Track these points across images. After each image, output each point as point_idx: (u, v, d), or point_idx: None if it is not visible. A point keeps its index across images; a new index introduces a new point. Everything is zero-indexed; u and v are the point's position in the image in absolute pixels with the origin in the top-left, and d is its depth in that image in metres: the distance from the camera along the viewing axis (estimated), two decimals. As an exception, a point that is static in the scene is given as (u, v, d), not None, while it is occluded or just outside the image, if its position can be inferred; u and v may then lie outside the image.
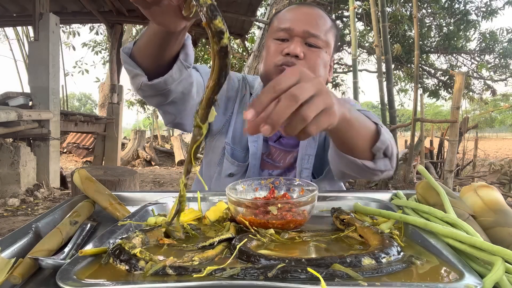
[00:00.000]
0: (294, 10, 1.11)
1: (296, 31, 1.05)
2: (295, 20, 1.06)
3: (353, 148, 0.86)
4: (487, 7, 9.19)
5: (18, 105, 4.99)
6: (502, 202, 0.65)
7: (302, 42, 1.05)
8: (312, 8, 1.12)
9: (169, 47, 0.82)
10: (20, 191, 4.61)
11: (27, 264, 0.50)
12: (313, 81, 0.57)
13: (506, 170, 5.00)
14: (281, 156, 1.18)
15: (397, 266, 0.47)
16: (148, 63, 0.86)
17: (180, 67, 0.87)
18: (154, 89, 0.88)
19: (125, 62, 0.88)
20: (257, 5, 6.54)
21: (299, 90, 0.55)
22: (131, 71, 0.87)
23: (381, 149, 0.86)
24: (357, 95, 4.81)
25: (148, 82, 0.86)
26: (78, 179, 0.82)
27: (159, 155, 10.64)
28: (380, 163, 0.90)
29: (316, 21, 1.08)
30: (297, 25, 1.05)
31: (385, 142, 0.86)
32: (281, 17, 1.11)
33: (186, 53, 0.87)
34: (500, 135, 49.08)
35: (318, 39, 1.06)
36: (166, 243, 0.58)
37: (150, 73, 0.87)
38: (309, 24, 1.06)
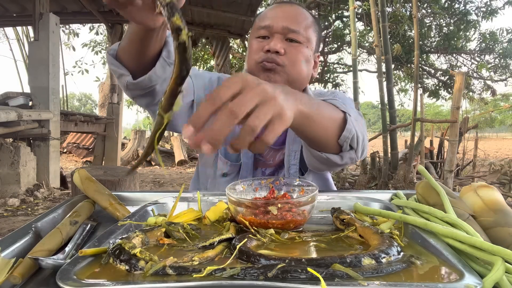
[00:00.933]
0: (274, 9, 1.13)
1: (276, 27, 1.07)
2: (274, 18, 1.09)
3: (318, 141, 0.85)
4: (487, 7, 9.19)
5: (18, 105, 4.99)
6: (502, 202, 0.65)
7: (283, 38, 1.07)
8: (291, 5, 1.14)
9: (150, 44, 0.83)
10: (20, 191, 4.61)
11: (27, 264, 0.50)
12: (255, 89, 0.54)
13: (506, 170, 5.01)
14: (271, 154, 1.19)
15: (397, 266, 0.47)
16: (132, 62, 0.87)
17: (163, 64, 0.88)
18: (140, 88, 0.90)
19: (110, 63, 0.90)
20: (257, 5, 6.54)
21: (238, 104, 0.51)
22: (116, 71, 0.89)
23: (347, 139, 0.86)
24: (357, 95, 4.81)
25: (133, 81, 0.88)
26: (78, 179, 0.82)
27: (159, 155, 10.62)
28: (346, 156, 0.90)
29: (296, 17, 1.09)
30: (277, 22, 1.07)
31: (351, 131, 0.85)
32: (262, 16, 1.14)
33: (168, 50, 0.87)
34: (500, 135, 49.10)
35: (298, 34, 1.07)
36: (166, 243, 0.58)
37: (136, 73, 0.88)
38: (288, 20, 1.08)
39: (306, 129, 0.78)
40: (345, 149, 0.89)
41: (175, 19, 0.48)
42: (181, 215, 0.72)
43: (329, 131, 0.84)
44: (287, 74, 1.06)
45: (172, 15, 0.48)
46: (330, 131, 0.84)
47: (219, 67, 7.81)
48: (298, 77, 1.08)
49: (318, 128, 0.79)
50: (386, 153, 4.94)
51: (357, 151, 0.92)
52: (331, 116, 0.83)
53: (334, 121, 0.84)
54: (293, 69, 1.06)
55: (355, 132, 0.87)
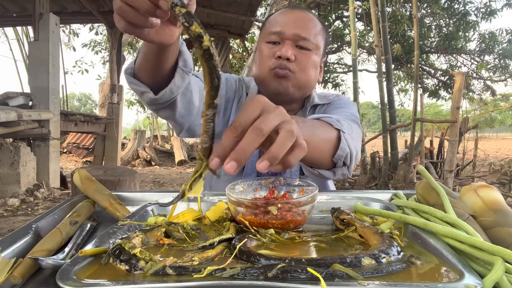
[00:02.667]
0: (285, 14, 1.15)
1: (287, 34, 1.09)
2: (286, 24, 1.10)
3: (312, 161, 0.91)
4: (487, 8, 9.19)
5: (18, 105, 4.99)
6: (502, 202, 0.65)
7: (293, 44, 1.10)
8: (302, 11, 1.17)
9: (167, 58, 0.83)
10: (20, 191, 4.61)
11: (27, 264, 0.50)
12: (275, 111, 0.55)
13: (506, 170, 5.01)
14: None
15: (397, 266, 0.47)
16: (151, 78, 0.86)
17: (181, 74, 0.88)
18: (162, 101, 0.89)
19: (130, 82, 0.88)
20: (257, 5, 6.55)
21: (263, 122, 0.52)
22: (137, 90, 0.88)
23: (341, 157, 0.90)
24: (357, 95, 4.81)
25: (155, 97, 0.87)
26: (78, 179, 0.82)
27: (159, 155, 10.64)
28: (338, 172, 0.95)
29: (306, 24, 1.12)
30: (288, 28, 1.09)
31: (345, 149, 0.90)
32: (273, 20, 1.15)
33: (184, 59, 0.87)
34: (500, 135, 49.10)
35: (308, 41, 1.10)
36: (166, 243, 0.58)
37: (155, 87, 0.88)
38: (299, 27, 1.10)
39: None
40: (339, 166, 0.93)
41: (194, 27, 0.47)
42: (181, 215, 0.72)
43: (324, 152, 0.88)
44: (297, 80, 1.09)
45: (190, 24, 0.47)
46: (325, 151, 0.88)
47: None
48: (307, 83, 1.12)
49: (314, 151, 0.83)
50: (386, 153, 4.94)
51: (350, 168, 0.96)
52: (326, 138, 0.87)
53: (329, 141, 0.88)
54: (302, 76, 1.09)
55: (348, 150, 0.91)
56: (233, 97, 1.22)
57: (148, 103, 0.90)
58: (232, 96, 1.21)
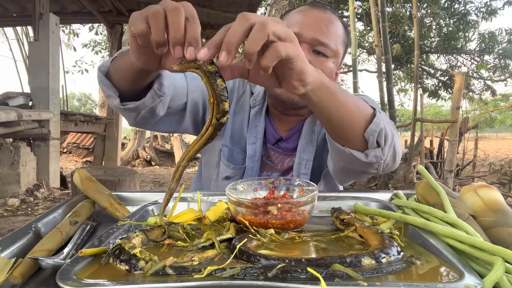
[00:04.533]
0: (305, 13, 1.05)
1: (305, 37, 0.99)
2: (304, 25, 1.01)
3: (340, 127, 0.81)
4: (487, 7, 9.19)
5: (18, 105, 4.99)
6: (502, 202, 0.65)
7: (310, 49, 1.01)
8: (324, 11, 1.06)
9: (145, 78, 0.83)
10: (20, 191, 4.61)
11: (27, 264, 0.50)
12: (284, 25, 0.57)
13: (506, 170, 5.01)
14: (280, 159, 1.17)
15: (397, 266, 0.47)
16: (123, 86, 0.86)
17: (154, 96, 0.87)
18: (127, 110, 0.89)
19: (101, 81, 0.88)
20: (257, 5, 6.55)
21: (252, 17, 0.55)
22: (105, 91, 0.88)
23: (374, 132, 0.80)
24: (357, 95, 4.80)
25: (120, 106, 0.87)
26: (78, 179, 0.82)
27: (159, 155, 10.64)
28: (371, 154, 0.83)
29: (327, 27, 1.02)
30: (306, 30, 1.00)
31: (379, 124, 0.80)
32: (291, 19, 1.05)
33: (160, 82, 0.86)
34: (500, 135, 49.07)
35: (327, 47, 1.01)
36: (166, 243, 0.58)
37: (125, 93, 0.87)
38: (319, 30, 1.00)
39: (327, 106, 0.74)
40: (371, 145, 0.82)
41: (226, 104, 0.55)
42: (181, 215, 0.72)
43: (354, 117, 0.79)
44: None
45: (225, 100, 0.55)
46: (355, 118, 0.79)
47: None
48: None
49: (341, 109, 0.76)
50: (386, 153, 4.91)
51: (384, 150, 0.84)
52: (357, 103, 0.79)
53: (360, 110, 0.80)
54: None
55: (383, 127, 0.81)
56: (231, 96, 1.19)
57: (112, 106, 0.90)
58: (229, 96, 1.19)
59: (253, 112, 1.16)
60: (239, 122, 1.18)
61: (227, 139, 1.17)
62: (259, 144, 1.14)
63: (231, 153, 1.16)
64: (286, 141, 1.16)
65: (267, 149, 1.17)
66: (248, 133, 1.15)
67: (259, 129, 1.14)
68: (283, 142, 1.16)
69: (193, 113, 1.13)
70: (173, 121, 1.10)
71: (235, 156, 1.16)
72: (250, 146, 1.14)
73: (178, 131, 1.17)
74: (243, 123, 1.17)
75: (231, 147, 1.17)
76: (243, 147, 1.16)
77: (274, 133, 1.17)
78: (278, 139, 1.16)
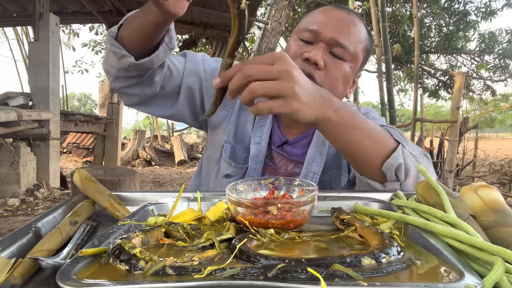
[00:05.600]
0: (327, 12, 1.01)
1: (323, 35, 0.95)
2: (324, 24, 0.97)
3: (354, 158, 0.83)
4: (487, 7, 9.19)
5: (18, 105, 4.99)
6: (502, 202, 0.65)
7: (327, 49, 0.96)
8: (347, 13, 1.01)
9: (161, 32, 0.89)
10: (20, 191, 4.61)
11: (27, 264, 0.50)
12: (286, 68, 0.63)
13: (506, 170, 5.01)
14: (283, 163, 1.12)
15: (397, 266, 0.47)
16: (137, 47, 0.90)
17: (166, 49, 0.93)
18: (139, 69, 0.93)
19: (112, 44, 0.91)
20: (257, 5, 6.54)
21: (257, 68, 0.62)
22: (118, 53, 0.91)
23: (392, 167, 0.79)
24: (357, 95, 4.81)
25: (136, 62, 0.90)
26: (78, 179, 0.82)
27: (159, 155, 10.64)
28: (388, 186, 0.83)
29: (348, 29, 0.97)
30: (326, 29, 0.95)
31: (397, 159, 0.79)
32: (311, 17, 1.02)
33: (170, 36, 0.92)
34: (500, 135, 49.08)
35: (345, 50, 0.96)
36: (166, 243, 0.58)
37: (136, 56, 0.91)
38: (339, 31, 0.96)
39: (337, 140, 0.79)
40: (390, 179, 0.82)
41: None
42: (181, 215, 0.72)
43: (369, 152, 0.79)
44: None
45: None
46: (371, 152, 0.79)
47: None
48: None
49: (354, 144, 0.78)
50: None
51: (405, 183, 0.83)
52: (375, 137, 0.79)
53: (378, 143, 0.79)
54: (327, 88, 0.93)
55: (402, 162, 0.80)
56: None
57: (125, 68, 0.92)
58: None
59: None
60: (244, 119, 1.14)
61: (230, 135, 1.13)
62: (263, 145, 1.10)
63: (233, 150, 1.13)
64: (292, 145, 1.11)
65: (271, 151, 1.13)
66: (253, 132, 1.11)
67: (265, 129, 1.10)
68: (289, 146, 1.11)
69: (189, 99, 1.10)
70: (167, 104, 1.09)
71: (238, 154, 1.12)
72: (254, 146, 1.10)
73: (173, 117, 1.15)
74: (248, 120, 1.13)
75: (234, 144, 1.13)
76: (247, 145, 1.11)
77: (280, 135, 1.12)
78: (284, 142, 1.12)
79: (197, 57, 1.12)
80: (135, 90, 1.01)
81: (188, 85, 1.08)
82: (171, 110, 1.10)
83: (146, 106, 1.08)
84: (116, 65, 0.94)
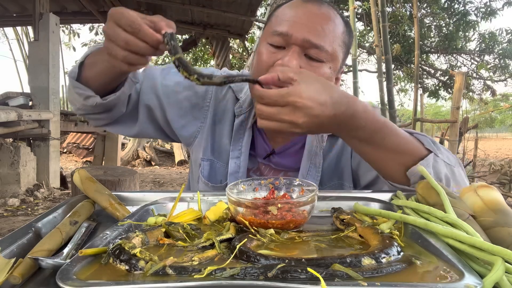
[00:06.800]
0: (297, 8, 0.89)
1: (294, 38, 0.85)
2: (295, 24, 0.86)
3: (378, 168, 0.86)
4: (487, 7, 9.19)
5: (18, 105, 4.99)
6: (502, 202, 0.65)
7: (301, 53, 0.86)
8: (319, 6, 0.89)
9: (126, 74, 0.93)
10: (20, 191, 4.61)
11: (27, 264, 0.50)
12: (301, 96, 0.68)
13: (506, 170, 5.00)
14: (271, 174, 1.05)
15: (397, 266, 0.47)
16: (102, 87, 0.92)
17: (131, 84, 0.97)
18: (108, 105, 0.95)
19: (76, 87, 0.92)
20: (257, 5, 6.54)
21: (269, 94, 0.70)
22: (83, 94, 0.92)
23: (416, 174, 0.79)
24: (357, 95, 4.81)
25: (102, 101, 0.92)
26: (78, 179, 0.82)
27: (159, 155, 10.64)
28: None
29: (322, 26, 0.86)
30: (296, 30, 0.85)
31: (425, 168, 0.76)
32: (280, 15, 0.90)
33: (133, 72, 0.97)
34: (500, 135, 49.04)
35: (321, 51, 0.86)
36: (166, 243, 0.58)
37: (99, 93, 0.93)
38: (313, 30, 0.85)
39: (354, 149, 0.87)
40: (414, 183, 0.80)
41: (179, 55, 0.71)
42: (181, 215, 0.72)
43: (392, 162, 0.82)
44: None
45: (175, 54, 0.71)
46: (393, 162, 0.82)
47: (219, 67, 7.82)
48: None
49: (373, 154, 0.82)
50: (386, 153, 4.91)
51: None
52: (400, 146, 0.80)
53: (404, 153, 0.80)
54: None
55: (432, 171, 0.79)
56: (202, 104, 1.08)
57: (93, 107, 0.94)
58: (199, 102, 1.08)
59: (238, 122, 1.04)
60: (220, 133, 1.07)
61: (208, 152, 1.06)
62: (243, 159, 1.02)
63: (212, 167, 1.06)
64: (279, 155, 1.04)
65: (257, 163, 1.06)
66: (231, 145, 1.04)
67: (244, 142, 1.02)
68: (276, 156, 1.04)
69: (149, 117, 1.08)
70: (130, 123, 1.08)
71: (218, 170, 1.06)
72: (233, 161, 1.02)
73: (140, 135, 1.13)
74: (224, 134, 1.06)
75: (214, 159, 1.07)
76: (226, 160, 1.04)
77: (265, 146, 1.04)
78: (269, 152, 1.04)
79: (154, 72, 1.08)
80: (101, 116, 1.01)
81: (145, 102, 1.05)
82: (135, 129, 1.08)
83: (114, 126, 1.07)
84: (81, 104, 0.95)
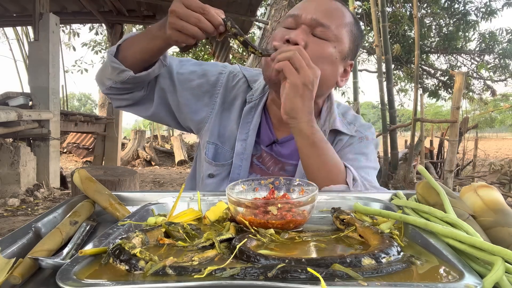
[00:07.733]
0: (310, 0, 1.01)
1: (303, 18, 0.95)
2: (305, 8, 0.97)
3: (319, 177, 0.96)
4: (487, 7, 9.19)
5: (18, 105, 4.99)
6: (502, 202, 0.65)
7: (308, 31, 0.95)
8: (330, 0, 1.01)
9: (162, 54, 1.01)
10: (20, 191, 4.61)
11: (27, 264, 0.50)
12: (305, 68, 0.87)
13: (506, 170, 5.01)
14: (271, 163, 1.10)
15: (397, 266, 0.47)
16: (137, 65, 1.00)
17: (160, 65, 1.04)
18: (135, 81, 1.03)
19: (112, 61, 1.00)
20: (257, 5, 6.54)
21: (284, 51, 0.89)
22: (118, 68, 0.99)
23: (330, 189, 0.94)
24: (357, 95, 4.81)
25: (134, 75, 0.99)
26: (78, 179, 0.82)
27: (159, 155, 10.64)
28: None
29: (329, 10, 0.97)
30: (306, 12, 0.95)
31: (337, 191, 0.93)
32: (295, 6, 1.04)
33: (164, 55, 1.03)
34: (500, 135, 49.02)
35: (327, 30, 0.94)
36: (166, 243, 0.58)
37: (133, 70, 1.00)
38: (320, 12, 0.95)
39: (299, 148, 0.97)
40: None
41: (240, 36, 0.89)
42: (181, 215, 0.72)
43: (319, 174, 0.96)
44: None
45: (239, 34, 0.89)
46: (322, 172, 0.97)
47: (219, 67, 7.80)
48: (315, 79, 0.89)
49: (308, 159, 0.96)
50: (386, 153, 4.95)
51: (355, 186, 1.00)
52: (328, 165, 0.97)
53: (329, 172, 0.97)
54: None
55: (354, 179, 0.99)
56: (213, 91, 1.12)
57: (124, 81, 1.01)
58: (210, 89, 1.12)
59: (247, 108, 1.10)
60: (228, 118, 1.12)
61: (214, 136, 1.11)
62: (250, 142, 1.08)
63: (216, 151, 1.11)
64: (281, 144, 1.10)
65: (260, 149, 1.11)
66: (239, 129, 1.09)
67: (252, 126, 1.08)
68: (277, 145, 1.10)
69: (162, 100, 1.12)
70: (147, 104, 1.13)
71: (222, 154, 1.10)
72: (239, 143, 1.08)
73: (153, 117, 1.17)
74: (232, 119, 1.11)
75: (219, 144, 1.11)
76: (233, 144, 1.09)
77: (269, 134, 1.11)
78: (273, 141, 1.09)
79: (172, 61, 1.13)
80: (126, 96, 1.09)
81: (161, 86, 1.11)
82: (151, 110, 1.13)
83: (134, 107, 1.13)
84: (113, 78, 1.02)
